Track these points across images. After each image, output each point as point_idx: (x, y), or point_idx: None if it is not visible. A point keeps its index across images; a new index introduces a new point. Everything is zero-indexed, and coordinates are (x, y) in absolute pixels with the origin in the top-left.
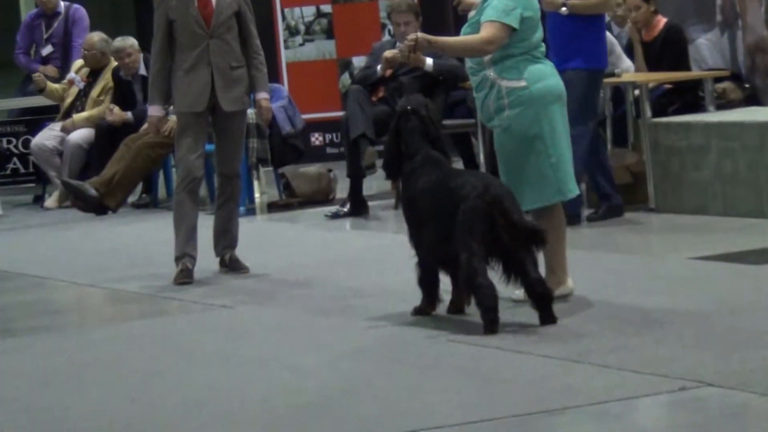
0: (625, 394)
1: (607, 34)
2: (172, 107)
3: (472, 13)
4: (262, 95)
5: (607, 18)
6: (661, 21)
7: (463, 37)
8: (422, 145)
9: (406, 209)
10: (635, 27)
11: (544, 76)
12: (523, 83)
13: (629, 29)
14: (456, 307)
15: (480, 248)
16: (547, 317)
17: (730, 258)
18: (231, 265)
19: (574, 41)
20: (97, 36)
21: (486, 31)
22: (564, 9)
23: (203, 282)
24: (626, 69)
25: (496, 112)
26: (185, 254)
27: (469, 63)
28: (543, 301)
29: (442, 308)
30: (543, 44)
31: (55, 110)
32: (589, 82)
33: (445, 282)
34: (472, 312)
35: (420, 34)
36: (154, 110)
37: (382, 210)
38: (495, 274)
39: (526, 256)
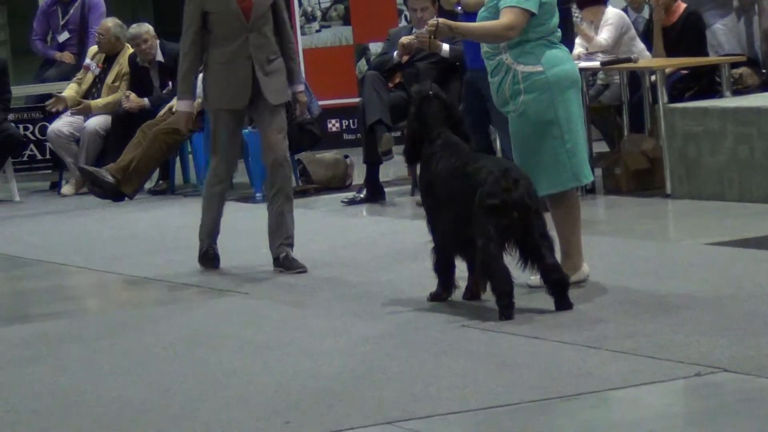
0: (641, 379)
1: (623, 15)
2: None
3: None
4: (299, 87)
5: (624, 3)
6: (681, 6)
7: (484, 23)
8: (443, 129)
9: (424, 193)
10: (659, 10)
11: (561, 61)
12: (539, 68)
13: (654, 12)
14: (471, 293)
15: (497, 233)
16: (563, 303)
17: (747, 243)
18: (285, 264)
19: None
20: (111, 21)
21: (507, 17)
22: (458, 8)
23: (220, 268)
24: (640, 53)
25: (512, 97)
26: (209, 238)
27: (485, 47)
28: (559, 287)
29: (457, 294)
30: (559, 30)
31: None
32: None
33: (461, 268)
34: (488, 298)
35: (441, 20)
36: (184, 105)
37: (398, 196)
38: (511, 260)
39: (542, 242)
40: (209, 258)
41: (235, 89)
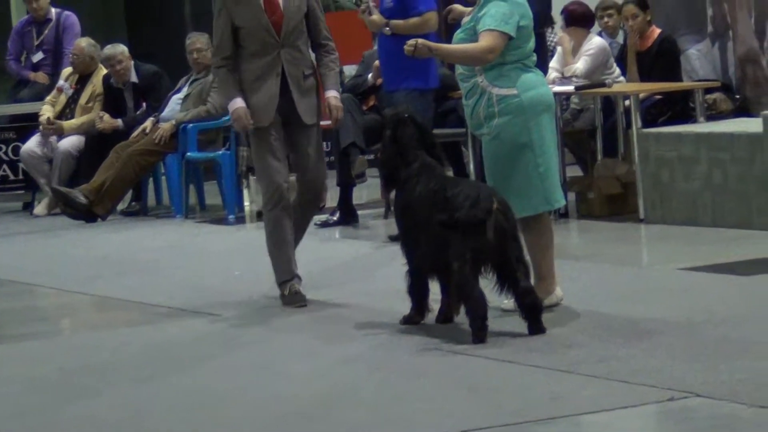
0: (614, 404)
1: (606, 48)
2: (161, 116)
3: (465, 19)
4: (332, 93)
5: (599, 28)
6: (656, 31)
7: (464, 45)
8: (419, 152)
9: (400, 216)
10: (634, 35)
11: (535, 85)
12: (514, 91)
13: (629, 37)
14: (445, 316)
15: (472, 257)
16: (536, 327)
17: (720, 269)
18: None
19: (404, 61)
20: (85, 41)
21: (486, 40)
22: (387, 29)
23: (191, 290)
24: (616, 79)
25: (486, 120)
26: (294, 276)
27: (460, 69)
28: (532, 311)
29: (431, 317)
30: (535, 54)
31: None
32: (421, 102)
33: (434, 291)
34: (461, 320)
35: (420, 41)
36: (237, 103)
37: (372, 219)
38: (487, 284)
39: (518, 266)
40: (294, 296)
41: (259, 108)
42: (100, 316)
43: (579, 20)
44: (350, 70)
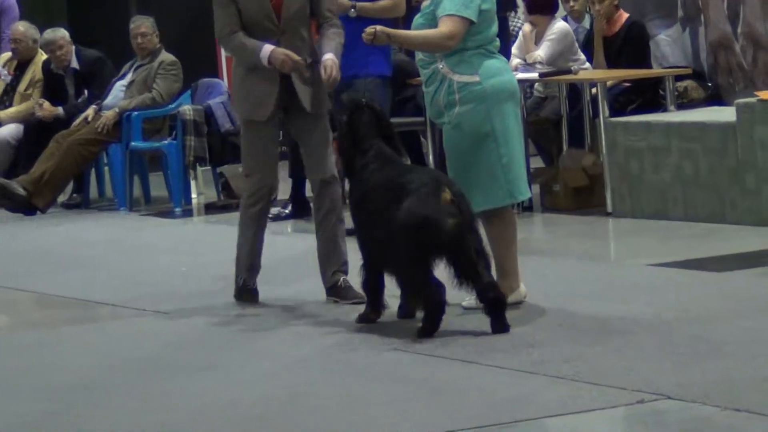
0: (580, 406)
1: (569, 32)
2: (104, 103)
3: (425, 3)
4: (329, 55)
5: (564, 12)
6: (623, 16)
7: (424, 32)
8: (375, 140)
9: (355, 207)
10: (601, 20)
11: (498, 71)
12: (476, 78)
13: (596, 22)
14: (406, 311)
15: (424, 252)
16: (499, 325)
17: (691, 265)
18: (341, 294)
19: (364, 46)
20: (23, 25)
21: (446, 26)
22: (353, 11)
23: (135, 286)
24: (581, 65)
25: (446, 108)
26: (250, 266)
27: (419, 55)
28: (495, 307)
29: (390, 315)
30: (498, 39)
31: None
32: (383, 90)
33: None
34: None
35: (379, 27)
36: (267, 47)
37: None
38: (447, 277)
39: (478, 260)
40: (247, 292)
41: (254, 100)
42: (40, 314)
43: (541, 7)
44: None
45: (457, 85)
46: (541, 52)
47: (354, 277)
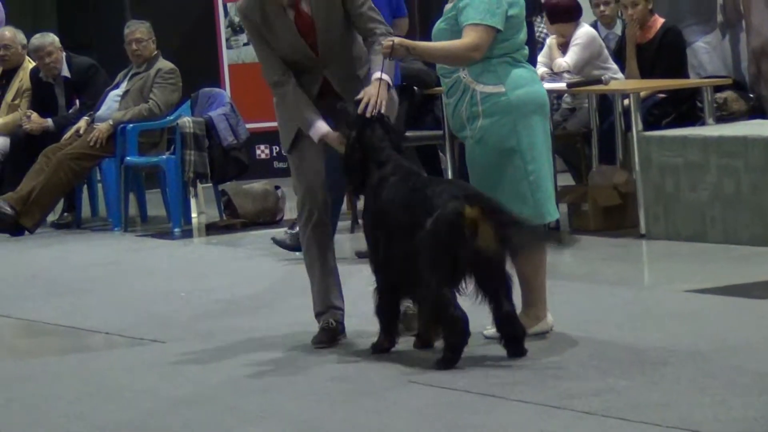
0: None
1: (595, 36)
2: (97, 115)
3: (447, 6)
4: (376, 75)
5: (593, 18)
6: (658, 21)
7: (445, 43)
8: (392, 153)
9: (370, 225)
10: (634, 25)
11: (526, 82)
12: (501, 89)
13: (628, 28)
14: (423, 340)
15: (451, 271)
16: (516, 350)
17: (731, 291)
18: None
19: None
20: (9, 31)
21: (470, 36)
22: None
23: (131, 313)
24: (613, 75)
25: (469, 121)
26: (329, 307)
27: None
28: (513, 341)
29: (405, 344)
30: (526, 47)
31: None
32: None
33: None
34: (441, 346)
35: (397, 39)
36: (321, 127)
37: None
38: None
39: (501, 285)
40: (329, 333)
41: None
42: (27, 343)
43: (563, 15)
44: None
45: (480, 96)
46: (568, 60)
47: (363, 302)
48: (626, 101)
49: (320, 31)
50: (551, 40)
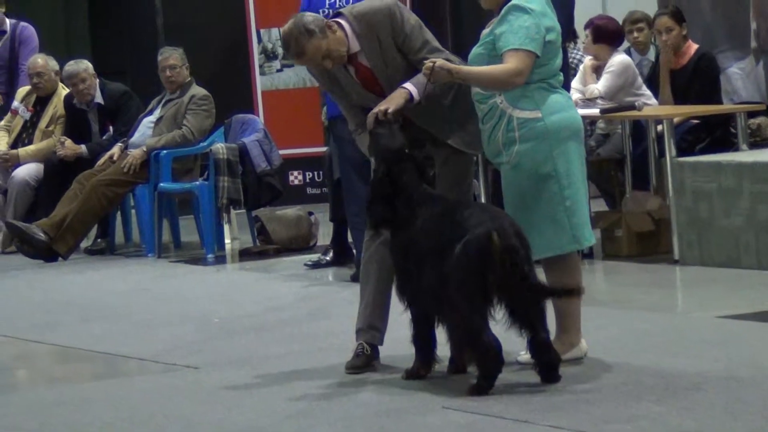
0: None
1: (630, 65)
2: (131, 141)
3: (485, 32)
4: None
5: (626, 44)
6: (692, 47)
7: (489, 68)
8: (420, 185)
9: (399, 256)
10: (668, 51)
11: (562, 107)
12: (537, 114)
13: (662, 54)
14: (456, 366)
15: (482, 297)
16: (551, 377)
17: (765, 317)
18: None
19: None
20: (42, 58)
21: (512, 62)
22: None
23: (164, 339)
24: (646, 101)
25: (505, 146)
26: (369, 327)
27: (476, 89)
28: (548, 368)
29: (439, 370)
30: (561, 73)
31: None
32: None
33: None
34: (475, 371)
35: (439, 61)
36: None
37: None
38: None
39: (535, 312)
40: (362, 359)
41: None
42: (61, 369)
43: (608, 37)
44: None
45: (517, 122)
46: (600, 86)
47: (403, 331)
48: (660, 127)
49: (383, 80)
50: (585, 64)
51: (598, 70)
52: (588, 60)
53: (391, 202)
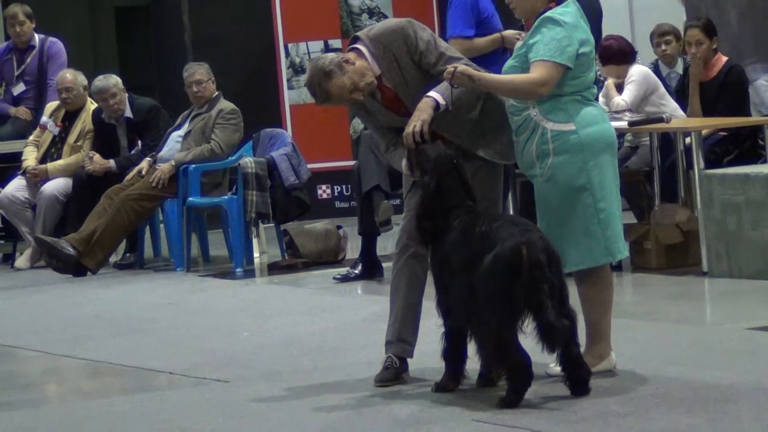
0: None
1: (649, 74)
2: (159, 155)
3: (518, 44)
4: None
5: (654, 57)
6: (721, 60)
7: (513, 76)
8: (464, 198)
9: (437, 270)
10: (698, 64)
11: (596, 120)
12: (571, 126)
13: (692, 66)
14: (486, 379)
15: (511, 310)
16: (581, 391)
17: None
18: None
19: None
20: (71, 73)
21: (538, 72)
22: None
23: (194, 353)
24: (673, 112)
25: (539, 159)
26: (399, 340)
27: (510, 101)
28: (579, 382)
29: (468, 384)
30: (594, 86)
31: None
32: None
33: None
34: (505, 384)
35: (461, 67)
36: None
37: None
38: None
39: (569, 323)
40: (392, 372)
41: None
42: (91, 383)
43: (615, 57)
44: None
45: (551, 134)
46: (625, 98)
47: (433, 344)
48: (688, 139)
49: (406, 99)
50: (609, 81)
51: (619, 88)
52: (611, 79)
53: (439, 216)
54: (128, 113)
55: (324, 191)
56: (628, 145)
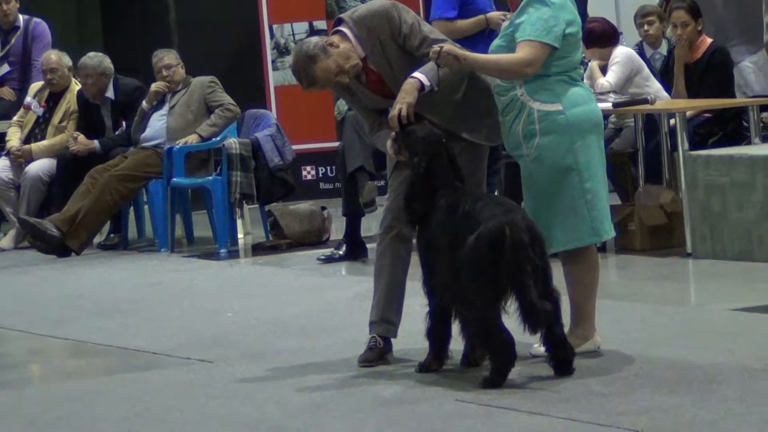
0: None
1: (632, 55)
2: (143, 136)
3: (504, 24)
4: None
5: (638, 38)
6: (706, 41)
7: (499, 56)
8: (453, 179)
9: (423, 251)
10: (683, 45)
11: (583, 100)
12: (558, 107)
13: (677, 48)
14: (470, 359)
15: (494, 291)
16: (565, 371)
17: None
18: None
19: None
20: (56, 54)
21: (524, 52)
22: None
23: (178, 333)
24: (656, 94)
25: (525, 139)
26: (382, 320)
27: (496, 81)
28: (562, 363)
29: (452, 364)
30: (581, 66)
31: None
32: None
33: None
34: (489, 364)
35: (446, 47)
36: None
37: None
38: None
39: (552, 304)
40: (375, 352)
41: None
42: (75, 363)
43: (599, 40)
44: None
45: (537, 114)
46: (609, 79)
47: (417, 324)
48: (672, 121)
49: (390, 81)
50: (592, 63)
51: (603, 70)
52: (595, 61)
53: (427, 197)
54: (109, 94)
55: (308, 172)
56: (613, 126)
